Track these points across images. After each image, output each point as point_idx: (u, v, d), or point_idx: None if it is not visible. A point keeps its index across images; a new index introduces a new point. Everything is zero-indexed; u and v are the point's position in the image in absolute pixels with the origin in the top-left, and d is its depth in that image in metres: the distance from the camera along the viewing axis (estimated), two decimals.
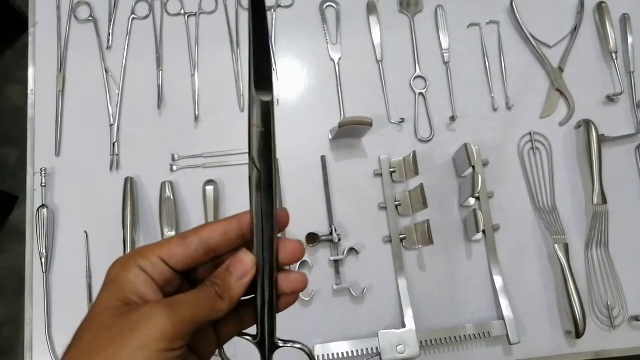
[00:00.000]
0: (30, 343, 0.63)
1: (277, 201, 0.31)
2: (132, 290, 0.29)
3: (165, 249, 0.30)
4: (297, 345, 0.35)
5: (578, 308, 0.66)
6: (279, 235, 0.32)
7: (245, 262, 0.31)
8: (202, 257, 0.31)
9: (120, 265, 0.30)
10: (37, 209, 0.65)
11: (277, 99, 0.73)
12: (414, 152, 0.68)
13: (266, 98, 0.28)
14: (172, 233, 0.65)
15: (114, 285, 0.29)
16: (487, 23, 0.77)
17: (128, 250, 0.64)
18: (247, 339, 0.34)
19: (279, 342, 0.34)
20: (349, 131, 0.69)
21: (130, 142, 0.70)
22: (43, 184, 0.66)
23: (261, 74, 0.28)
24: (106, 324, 0.28)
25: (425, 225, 0.65)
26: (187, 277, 0.32)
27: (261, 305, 0.32)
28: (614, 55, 0.76)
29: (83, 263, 0.66)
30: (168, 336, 0.27)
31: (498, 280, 0.69)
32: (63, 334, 0.64)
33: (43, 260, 0.64)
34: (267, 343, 0.33)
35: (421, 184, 0.66)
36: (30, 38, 0.72)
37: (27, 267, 0.65)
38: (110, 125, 0.70)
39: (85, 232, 0.66)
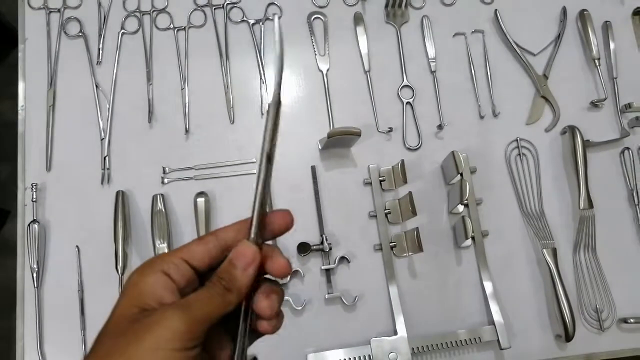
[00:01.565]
0: (22, 358, 0.63)
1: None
2: (151, 295, 0.30)
3: (186, 250, 0.32)
4: None
5: (567, 312, 0.67)
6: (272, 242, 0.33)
7: (247, 253, 0.31)
8: (220, 255, 0.32)
9: (141, 270, 0.31)
10: (29, 225, 0.65)
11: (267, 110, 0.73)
12: (403, 161, 0.69)
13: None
14: (164, 246, 0.65)
15: (133, 292, 0.30)
16: (473, 32, 0.79)
17: (120, 263, 0.64)
18: None
19: None
20: (338, 141, 0.70)
21: (121, 156, 0.70)
22: (34, 199, 0.66)
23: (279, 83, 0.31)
24: (123, 330, 0.29)
25: (415, 232, 0.66)
26: (202, 282, 0.33)
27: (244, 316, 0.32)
28: (597, 62, 0.78)
29: (75, 278, 0.66)
30: (182, 336, 0.28)
31: (488, 286, 0.69)
32: (55, 349, 0.64)
33: (35, 275, 0.64)
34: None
35: (410, 192, 0.67)
36: (20, 54, 0.73)
37: (18, 282, 0.65)
38: (102, 139, 0.70)
39: (77, 246, 0.66)
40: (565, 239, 0.72)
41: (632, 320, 0.69)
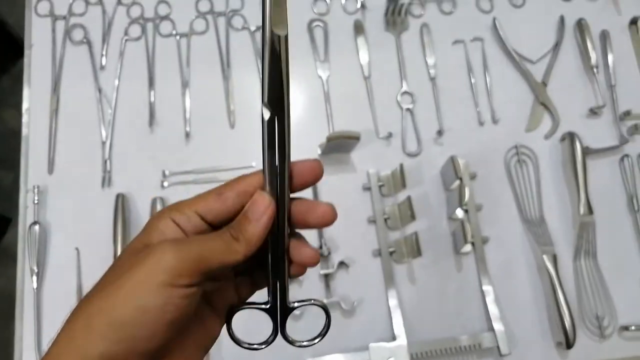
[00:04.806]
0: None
1: (289, 154, 0.30)
2: (158, 236, 0.30)
3: (203, 204, 0.31)
4: (316, 303, 0.34)
5: (568, 319, 0.66)
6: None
7: (259, 203, 0.30)
8: (239, 210, 0.31)
9: (157, 215, 0.31)
10: (30, 226, 0.65)
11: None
12: (402, 166, 0.69)
13: (282, 32, 0.29)
14: None
15: (144, 232, 0.30)
16: (472, 40, 0.80)
17: None
18: (258, 308, 0.33)
19: (294, 303, 0.33)
20: (338, 146, 0.71)
21: (122, 159, 0.71)
22: (36, 202, 0.67)
23: (278, 12, 0.29)
24: (123, 262, 0.29)
25: (414, 237, 0.66)
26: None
27: (273, 264, 0.31)
28: (595, 70, 0.78)
29: (74, 280, 0.66)
30: (171, 270, 0.27)
31: (488, 292, 0.69)
32: None
33: (34, 277, 0.64)
34: (279, 308, 0.33)
35: (409, 197, 0.67)
36: (25, 60, 0.74)
37: (18, 284, 0.65)
38: (103, 143, 0.71)
39: (76, 248, 0.67)
40: (566, 245, 0.72)
41: (633, 328, 0.69)
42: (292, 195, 0.32)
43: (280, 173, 0.30)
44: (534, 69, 0.79)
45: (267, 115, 0.30)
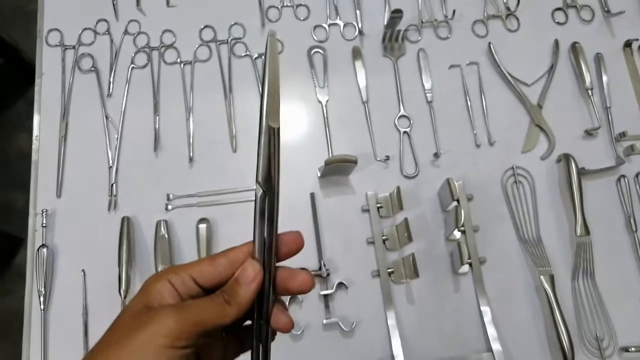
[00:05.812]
0: None
1: (276, 228, 0.34)
2: (156, 298, 0.33)
3: (197, 269, 0.34)
4: None
5: (566, 339, 0.66)
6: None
7: (249, 271, 0.33)
8: (230, 275, 0.34)
9: (154, 277, 0.34)
10: (38, 249, 0.68)
11: None
12: (398, 188, 0.70)
13: (275, 125, 0.33)
14: None
15: (142, 293, 0.33)
16: (468, 64, 0.81)
17: (123, 287, 0.66)
18: None
19: None
20: (336, 169, 0.72)
21: (128, 183, 0.73)
22: (44, 225, 0.69)
23: (271, 106, 0.33)
24: (124, 324, 0.32)
25: (411, 258, 0.67)
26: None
27: (256, 328, 0.34)
28: (590, 92, 0.79)
29: (80, 301, 0.68)
30: (172, 334, 0.30)
31: (486, 312, 0.70)
32: None
33: (42, 298, 0.66)
34: None
35: (406, 219, 0.69)
36: (37, 88, 0.77)
37: (26, 305, 0.67)
38: (110, 167, 0.73)
39: (83, 270, 0.69)
40: (564, 265, 0.72)
41: (633, 349, 0.69)
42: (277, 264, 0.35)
43: (268, 243, 0.34)
44: (529, 92, 0.80)
45: (259, 191, 0.33)
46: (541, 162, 0.77)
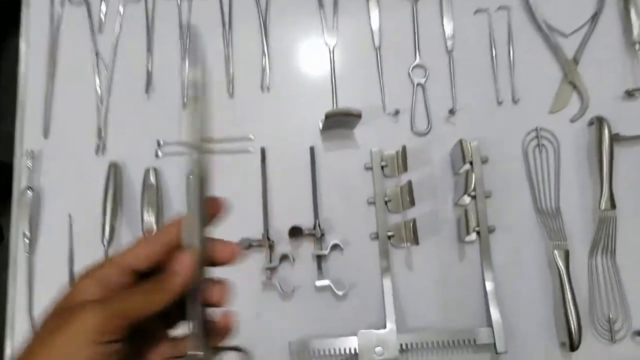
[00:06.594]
0: (12, 322, 0.64)
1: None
2: (78, 295, 0.32)
3: (130, 254, 0.33)
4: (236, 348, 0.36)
5: (574, 318, 0.62)
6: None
7: (181, 259, 0.32)
8: (167, 251, 0.33)
9: (81, 275, 0.33)
10: (23, 191, 0.65)
11: (268, 85, 0.70)
12: (404, 147, 0.64)
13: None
14: (152, 220, 0.64)
15: (66, 293, 0.32)
16: (497, 9, 0.72)
17: (106, 236, 0.64)
18: None
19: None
20: (339, 122, 0.66)
21: (117, 126, 0.69)
22: (29, 166, 0.66)
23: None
24: (47, 324, 0.32)
25: (412, 223, 0.62)
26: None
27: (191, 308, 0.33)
28: (637, 46, 0.70)
29: (67, 245, 0.66)
30: (95, 328, 0.29)
31: (490, 286, 0.65)
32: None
33: (27, 242, 0.65)
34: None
35: (409, 181, 0.63)
36: (23, 20, 0.72)
37: (11, 248, 0.66)
38: (98, 109, 0.69)
39: (69, 215, 0.66)
40: (582, 241, 0.66)
41: None
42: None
43: (202, 219, 0.33)
44: (565, 44, 0.71)
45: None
46: (570, 124, 0.69)
